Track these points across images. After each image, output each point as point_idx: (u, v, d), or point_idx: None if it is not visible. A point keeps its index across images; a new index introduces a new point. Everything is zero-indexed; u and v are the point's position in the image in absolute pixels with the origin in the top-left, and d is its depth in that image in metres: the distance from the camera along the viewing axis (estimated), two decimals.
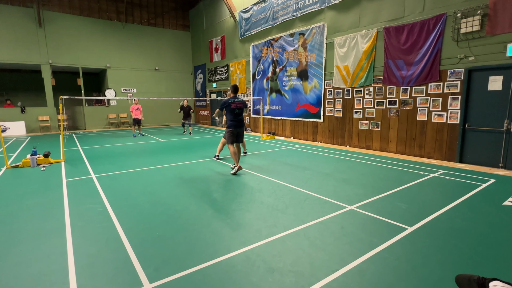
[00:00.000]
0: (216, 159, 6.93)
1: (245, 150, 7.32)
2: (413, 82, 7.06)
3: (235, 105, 5.51)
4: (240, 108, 5.58)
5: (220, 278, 2.27)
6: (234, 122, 5.59)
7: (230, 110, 5.52)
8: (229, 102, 5.50)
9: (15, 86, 16.11)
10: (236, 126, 5.60)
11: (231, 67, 14.34)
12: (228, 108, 5.52)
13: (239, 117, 5.63)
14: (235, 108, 5.50)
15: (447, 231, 3.06)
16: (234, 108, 5.50)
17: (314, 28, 9.53)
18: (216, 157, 6.98)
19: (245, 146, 7.14)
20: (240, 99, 5.64)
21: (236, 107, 5.52)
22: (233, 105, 5.49)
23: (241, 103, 5.60)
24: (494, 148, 5.97)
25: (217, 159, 6.93)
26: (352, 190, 4.48)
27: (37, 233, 3.09)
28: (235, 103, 5.52)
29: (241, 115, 5.65)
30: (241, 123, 5.68)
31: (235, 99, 5.56)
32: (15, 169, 6.13)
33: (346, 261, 2.48)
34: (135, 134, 12.29)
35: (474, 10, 5.90)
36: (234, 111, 5.52)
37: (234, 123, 5.59)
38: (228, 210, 3.74)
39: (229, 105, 5.50)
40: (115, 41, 15.69)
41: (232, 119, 5.58)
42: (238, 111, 5.54)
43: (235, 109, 5.51)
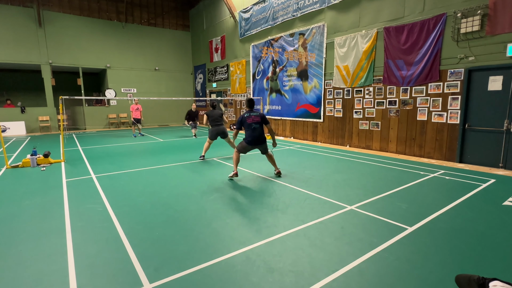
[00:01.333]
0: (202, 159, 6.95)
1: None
2: (413, 82, 7.06)
3: (252, 119, 5.17)
4: (258, 123, 5.17)
5: (220, 278, 2.27)
6: (250, 139, 5.15)
7: (247, 126, 5.17)
8: (244, 117, 5.19)
9: (15, 86, 16.10)
10: (254, 142, 5.17)
11: (231, 67, 14.34)
12: (244, 124, 5.18)
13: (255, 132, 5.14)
14: (251, 123, 5.15)
15: (447, 231, 3.06)
16: (251, 122, 5.15)
17: (314, 28, 9.53)
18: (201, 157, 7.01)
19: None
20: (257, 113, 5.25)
21: (253, 121, 5.17)
22: (249, 119, 5.17)
23: (258, 117, 5.21)
24: (494, 148, 5.97)
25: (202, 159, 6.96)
26: (352, 190, 4.48)
27: (37, 233, 3.09)
28: (251, 117, 5.18)
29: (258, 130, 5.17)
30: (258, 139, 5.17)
31: (251, 112, 5.23)
32: (15, 169, 6.13)
33: (346, 261, 2.48)
34: (135, 134, 12.30)
35: (474, 10, 5.90)
36: (250, 126, 5.14)
37: (250, 140, 5.16)
38: (228, 210, 3.74)
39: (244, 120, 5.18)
40: (115, 41, 15.69)
41: (250, 134, 5.17)
42: (255, 125, 5.15)
43: (252, 124, 5.15)
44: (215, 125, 6.91)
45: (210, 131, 6.95)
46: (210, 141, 6.99)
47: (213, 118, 6.93)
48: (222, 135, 6.98)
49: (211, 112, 6.99)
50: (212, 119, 6.94)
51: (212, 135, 6.94)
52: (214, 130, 6.91)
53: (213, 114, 6.96)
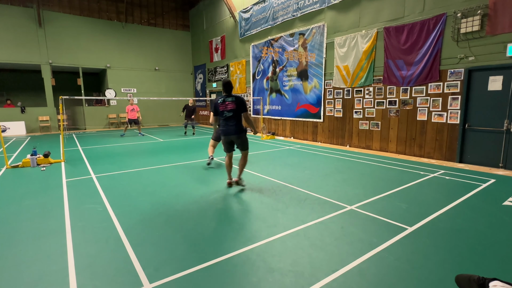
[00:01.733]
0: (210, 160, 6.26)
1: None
2: (413, 82, 7.06)
3: (225, 106, 4.35)
4: (231, 110, 4.34)
5: (220, 278, 2.27)
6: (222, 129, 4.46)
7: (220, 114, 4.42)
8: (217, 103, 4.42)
9: (15, 86, 16.10)
10: (225, 132, 4.44)
11: (231, 67, 14.34)
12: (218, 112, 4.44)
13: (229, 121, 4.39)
14: (223, 111, 4.37)
15: (447, 231, 3.06)
16: (223, 110, 4.36)
17: (314, 28, 9.53)
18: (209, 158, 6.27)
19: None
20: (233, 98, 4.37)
21: (226, 109, 4.35)
22: (221, 106, 4.36)
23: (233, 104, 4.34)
24: (494, 148, 5.97)
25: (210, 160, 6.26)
26: (352, 190, 4.48)
27: (37, 233, 3.09)
28: (225, 104, 4.36)
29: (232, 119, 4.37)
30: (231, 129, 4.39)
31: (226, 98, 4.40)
32: (15, 169, 6.13)
33: (346, 261, 2.48)
34: (123, 134, 12.27)
35: (474, 10, 5.90)
36: (223, 114, 4.38)
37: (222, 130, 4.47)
38: (228, 210, 3.74)
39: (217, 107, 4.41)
40: (115, 41, 15.68)
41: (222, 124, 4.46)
42: (227, 113, 4.35)
43: (224, 112, 4.37)
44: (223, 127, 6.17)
45: (216, 131, 6.20)
46: (213, 142, 6.32)
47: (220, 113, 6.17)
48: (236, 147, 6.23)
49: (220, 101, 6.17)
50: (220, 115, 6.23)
51: (216, 136, 6.27)
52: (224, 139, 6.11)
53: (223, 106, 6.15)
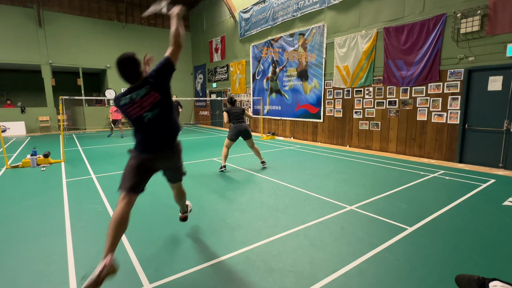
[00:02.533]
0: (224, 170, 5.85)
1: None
2: (413, 82, 7.07)
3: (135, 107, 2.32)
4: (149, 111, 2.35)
5: (220, 278, 2.27)
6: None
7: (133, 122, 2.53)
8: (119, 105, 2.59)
9: (15, 86, 16.10)
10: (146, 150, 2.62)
11: (231, 67, 14.34)
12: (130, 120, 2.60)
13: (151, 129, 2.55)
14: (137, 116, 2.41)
15: (447, 231, 3.06)
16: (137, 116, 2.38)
17: (314, 28, 9.53)
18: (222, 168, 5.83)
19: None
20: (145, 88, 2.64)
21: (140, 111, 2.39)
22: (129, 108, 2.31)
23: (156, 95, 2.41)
24: (494, 148, 5.97)
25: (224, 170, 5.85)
26: (352, 190, 4.48)
27: (37, 233, 3.09)
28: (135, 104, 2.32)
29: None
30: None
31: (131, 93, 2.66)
32: (15, 169, 6.13)
33: (346, 261, 2.48)
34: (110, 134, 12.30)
35: (474, 10, 5.90)
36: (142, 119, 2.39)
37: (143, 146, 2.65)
38: (228, 210, 3.74)
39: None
40: (115, 41, 15.68)
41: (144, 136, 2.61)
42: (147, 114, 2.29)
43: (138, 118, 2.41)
44: (236, 122, 5.93)
45: (231, 129, 5.94)
46: (229, 142, 5.90)
47: (234, 114, 5.96)
48: (245, 134, 5.90)
49: (231, 109, 5.99)
50: (233, 116, 5.95)
51: (232, 134, 5.88)
52: (236, 129, 5.86)
53: (234, 111, 5.97)
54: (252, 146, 6.10)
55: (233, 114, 5.92)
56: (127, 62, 2.21)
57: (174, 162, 2.52)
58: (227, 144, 5.89)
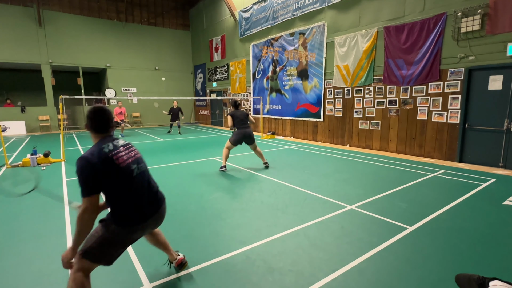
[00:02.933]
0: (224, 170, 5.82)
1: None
2: (413, 81, 7.06)
3: (125, 156, 2.06)
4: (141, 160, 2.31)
5: (220, 277, 2.27)
6: None
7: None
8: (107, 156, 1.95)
9: (15, 86, 16.10)
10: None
11: (231, 67, 14.33)
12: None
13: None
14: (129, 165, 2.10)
15: (447, 231, 3.06)
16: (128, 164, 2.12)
17: (314, 27, 9.52)
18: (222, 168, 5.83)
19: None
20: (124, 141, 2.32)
21: (130, 160, 2.13)
22: (120, 158, 1.99)
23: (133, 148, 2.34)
24: (494, 148, 5.97)
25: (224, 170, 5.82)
26: (352, 190, 4.48)
27: (37, 233, 3.09)
28: (121, 152, 2.03)
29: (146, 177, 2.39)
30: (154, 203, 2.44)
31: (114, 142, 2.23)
32: (15, 169, 6.13)
33: (346, 261, 2.48)
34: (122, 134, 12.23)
35: (474, 9, 5.89)
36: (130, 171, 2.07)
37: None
38: (228, 209, 3.74)
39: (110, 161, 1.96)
40: (115, 41, 15.67)
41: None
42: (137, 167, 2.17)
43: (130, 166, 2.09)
44: (241, 127, 5.91)
45: (235, 133, 5.91)
46: (230, 146, 5.87)
47: (238, 119, 5.92)
48: (249, 139, 5.91)
49: (235, 113, 5.95)
50: (238, 120, 5.91)
51: (236, 139, 5.82)
52: (240, 134, 5.83)
53: (238, 115, 5.93)
54: (255, 148, 6.08)
55: (238, 119, 5.88)
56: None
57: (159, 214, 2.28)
58: (229, 147, 5.85)
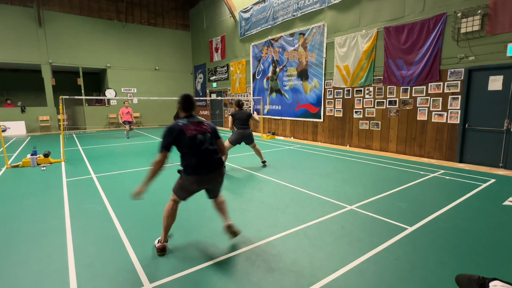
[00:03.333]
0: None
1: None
2: (413, 82, 7.06)
3: (194, 129, 2.70)
4: (204, 133, 2.72)
5: (220, 278, 2.27)
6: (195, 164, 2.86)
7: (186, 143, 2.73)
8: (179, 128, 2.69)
9: (15, 86, 16.10)
10: (199, 171, 2.86)
11: (231, 67, 14.34)
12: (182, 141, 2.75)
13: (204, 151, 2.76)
14: (196, 136, 2.70)
15: (447, 231, 3.06)
16: (195, 135, 2.70)
17: (314, 28, 9.53)
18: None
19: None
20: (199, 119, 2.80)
21: (199, 132, 2.71)
22: (189, 130, 2.68)
23: (205, 124, 2.78)
24: (494, 148, 5.97)
25: None
26: (352, 190, 4.48)
27: (37, 233, 3.09)
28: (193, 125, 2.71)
29: (205, 144, 2.73)
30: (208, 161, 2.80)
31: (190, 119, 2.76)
32: (15, 169, 6.13)
33: (346, 261, 2.48)
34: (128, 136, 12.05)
35: (474, 9, 5.90)
36: (194, 140, 2.71)
37: (195, 166, 2.85)
38: (228, 209, 3.73)
39: (181, 133, 2.71)
40: (115, 41, 15.68)
41: (197, 159, 2.83)
42: (200, 139, 2.70)
43: (196, 137, 2.70)
44: (240, 128, 5.91)
45: (234, 133, 5.93)
46: (229, 145, 5.87)
47: (240, 120, 5.90)
48: (248, 140, 5.95)
49: (237, 113, 5.94)
50: (239, 121, 5.90)
51: (234, 139, 5.85)
52: (238, 134, 5.86)
53: (240, 116, 5.90)
54: (254, 146, 6.13)
55: (239, 119, 5.87)
56: (189, 99, 2.78)
57: (217, 182, 3.00)
58: (227, 146, 5.82)
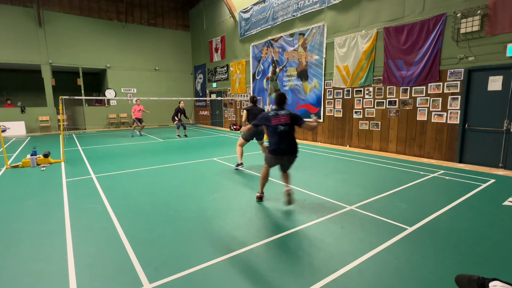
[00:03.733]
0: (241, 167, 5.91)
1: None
2: (413, 82, 7.07)
3: (278, 120, 3.69)
4: (287, 124, 3.68)
5: (220, 278, 2.27)
6: (275, 147, 3.73)
7: (272, 129, 3.73)
8: (269, 116, 3.73)
9: (15, 86, 16.09)
10: (277, 152, 3.72)
11: (231, 67, 14.34)
12: (268, 127, 3.77)
13: (283, 139, 3.70)
14: (277, 125, 3.67)
15: (447, 231, 3.06)
16: (277, 124, 3.67)
17: (314, 28, 9.53)
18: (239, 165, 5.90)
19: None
20: (287, 111, 3.77)
21: (280, 122, 3.68)
22: (275, 120, 3.69)
23: (288, 117, 3.70)
24: (494, 148, 5.97)
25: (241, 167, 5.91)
26: (352, 190, 4.48)
27: (37, 233, 3.09)
28: (279, 117, 3.70)
29: (287, 135, 3.70)
30: (287, 149, 3.71)
31: (279, 111, 3.76)
32: (15, 169, 6.12)
33: (346, 261, 2.48)
34: (133, 134, 12.26)
35: (474, 10, 5.90)
36: (276, 129, 3.68)
37: (275, 148, 3.73)
38: (228, 210, 3.74)
39: (268, 120, 3.71)
40: (115, 41, 15.68)
41: (275, 141, 3.72)
42: (282, 127, 3.67)
43: (278, 126, 3.67)
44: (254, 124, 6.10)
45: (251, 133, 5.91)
46: (243, 142, 5.90)
47: (254, 115, 5.73)
48: (258, 136, 6.00)
49: (252, 108, 5.91)
50: (254, 116, 5.75)
51: (249, 134, 5.88)
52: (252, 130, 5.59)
53: (255, 111, 5.82)
54: (262, 144, 6.24)
55: (253, 115, 5.79)
56: (283, 95, 3.87)
57: (291, 159, 3.86)
58: (241, 144, 5.89)
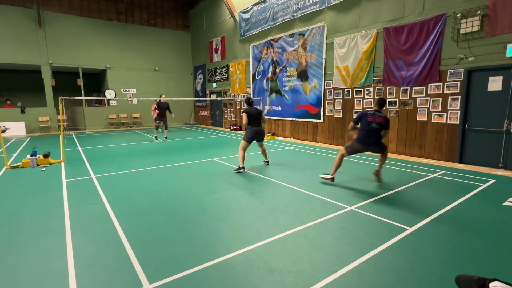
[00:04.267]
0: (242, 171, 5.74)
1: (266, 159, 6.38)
2: (413, 82, 7.07)
3: (374, 118, 4.65)
4: (379, 124, 4.62)
5: (220, 278, 2.27)
6: (363, 138, 4.78)
7: (365, 123, 4.72)
8: (367, 113, 4.74)
9: (15, 86, 16.10)
10: (363, 141, 4.76)
11: (231, 68, 14.35)
12: (362, 121, 4.76)
13: (370, 133, 4.68)
14: (372, 122, 4.65)
15: (447, 232, 3.06)
16: (371, 121, 4.65)
17: (314, 28, 9.54)
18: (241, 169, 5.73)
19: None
20: (383, 115, 4.67)
21: (375, 120, 4.64)
22: (371, 117, 4.67)
23: (382, 119, 4.63)
24: (494, 149, 5.97)
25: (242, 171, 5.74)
26: (352, 191, 4.48)
27: (37, 234, 3.09)
28: (375, 116, 4.65)
29: (374, 132, 4.66)
30: (373, 142, 4.73)
31: (377, 112, 4.70)
32: (15, 170, 6.12)
33: (346, 262, 2.48)
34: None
35: (473, 10, 5.91)
36: (370, 124, 4.66)
37: (361, 138, 4.79)
38: (228, 210, 3.73)
39: (365, 116, 4.74)
40: (115, 42, 15.69)
41: (363, 134, 4.76)
42: (375, 125, 4.63)
43: (372, 123, 4.65)
44: (254, 125, 5.93)
45: (248, 131, 5.93)
46: (246, 144, 5.81)
47: (253, 117, 5.91)
48: (259, 137, 6.00)
49: (250, 110, 5.92)
50: (253, 118, 5.90)
51: (250, 135, 5.86)
52: (253, 131, 5.89)
53: (253, 113, 5.90)
54: (262, 145, 6.28)
55: (253, 117, 5.87)
56: (383, 100, 4.81)
57: (378, 147, 4.86)
58: (244, 146, 5.78)
